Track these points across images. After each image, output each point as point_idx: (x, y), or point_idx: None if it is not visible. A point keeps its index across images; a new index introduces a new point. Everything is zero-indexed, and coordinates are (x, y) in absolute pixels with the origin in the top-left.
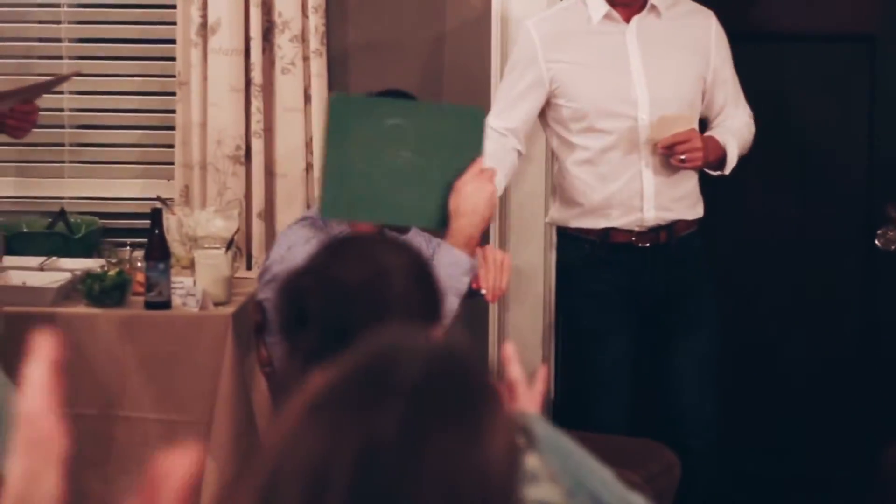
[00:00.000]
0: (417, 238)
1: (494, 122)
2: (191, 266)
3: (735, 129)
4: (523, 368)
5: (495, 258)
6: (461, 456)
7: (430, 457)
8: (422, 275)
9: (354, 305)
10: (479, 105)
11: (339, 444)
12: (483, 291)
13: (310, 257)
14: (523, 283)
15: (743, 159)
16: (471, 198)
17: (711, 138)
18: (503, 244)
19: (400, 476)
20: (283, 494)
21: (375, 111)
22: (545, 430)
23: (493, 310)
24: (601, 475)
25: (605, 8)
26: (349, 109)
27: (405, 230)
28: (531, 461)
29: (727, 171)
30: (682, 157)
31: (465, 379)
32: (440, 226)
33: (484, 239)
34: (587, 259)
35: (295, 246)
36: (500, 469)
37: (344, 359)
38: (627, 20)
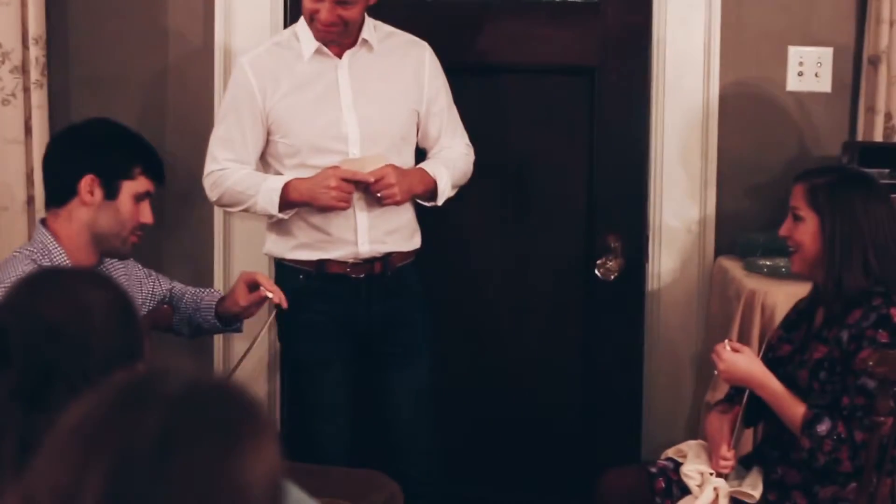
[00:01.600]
0: (137, 272)
1: (228, 158)
2: None
3: (450, 159)
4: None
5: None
6: (218, 472)
7: (185, 470)
8: (124, 312)
9: (56, 342)
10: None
11: (92, 459)
12: (275, 300)
13: (10, 292)
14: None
15: (464, 189)
16: None
17: (419, 170)
18: (227, 274)
19: (153, 488)
20: None
21: None
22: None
23: (217, 341)
24: None
25: (316, 44)
26: None
27: (126, 257)
28: None
29: (439, 202)
30: (378, 195)
31: (229, 399)
32: None
33: (208, 271)
34: (303, 290)
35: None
36: (260, 493)
37: (106, 383)
38: (340, 55)
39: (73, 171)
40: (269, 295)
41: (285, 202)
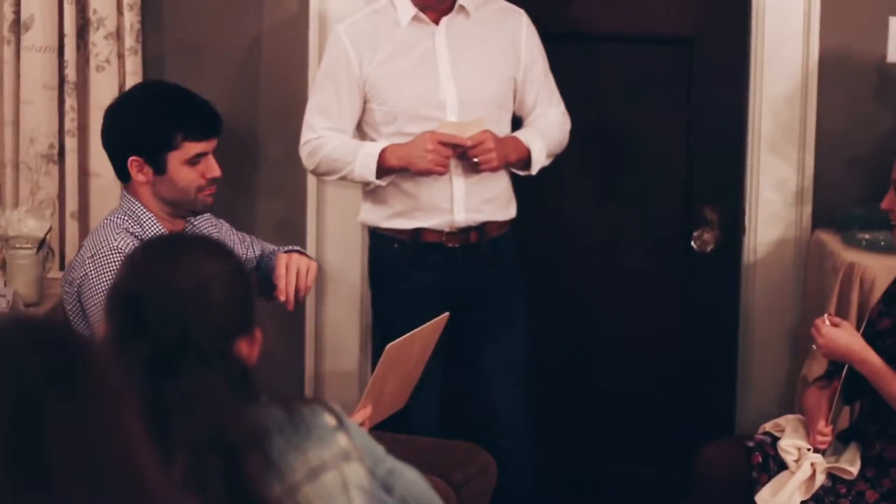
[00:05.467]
0: (232, 236)
1: (324, 127)
2: (2, 266)
3: (545, 128)
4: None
5: (299, 267)
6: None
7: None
8: (242, 282)
9: (185, 311)
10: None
11: None
12: (282, 299)
13: (135, 261)
14: (339, 283)
15: (559, 159)
16: None
17: (513, 139)
18: (320, 243)
19: None
20: None
21: None
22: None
23: (309, 308)
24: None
25: (413, 10)
26: None
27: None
28: (342, 440)
29: (533, 171)
30: (476, 160)
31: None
32: None
33: (300, 240)
34: (397, 258)
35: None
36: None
37: None
38: (437, 21)
39: (118, 155)
40: (281, 298)
41: (382, 168)
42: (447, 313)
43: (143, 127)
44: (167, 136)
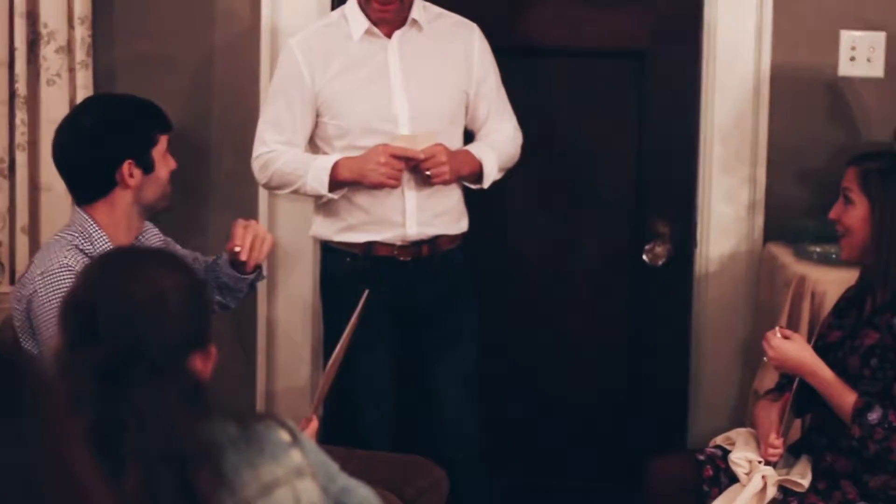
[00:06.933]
0: (179, 251)
1: (277, 141)
2: None
3: (497, 142)
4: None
5: (258, 231)
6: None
7: None
8: (198, 297)
9: (139, 323)
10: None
11: None
12: (237, 248)
13: (91, 271)
14: (291, 297)
15: (511, 173)
16: None
17: (466, 152)
18: (272, 257)
19: None
20: None
21: None
22: (304, 436)
23: (261, 323)
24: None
25: (366, 24)
26: None
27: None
28: (296, 457)
29: (486, 184)
30: (428, 173)
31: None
32: None
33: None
34: (349, 272)
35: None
36: None
37: None
38: (389, 35)
39: (106, 164)
40: (236, 249)
41: (335, 181)
42: (367, 290)
43: (128, 128)
44: (150, 132)
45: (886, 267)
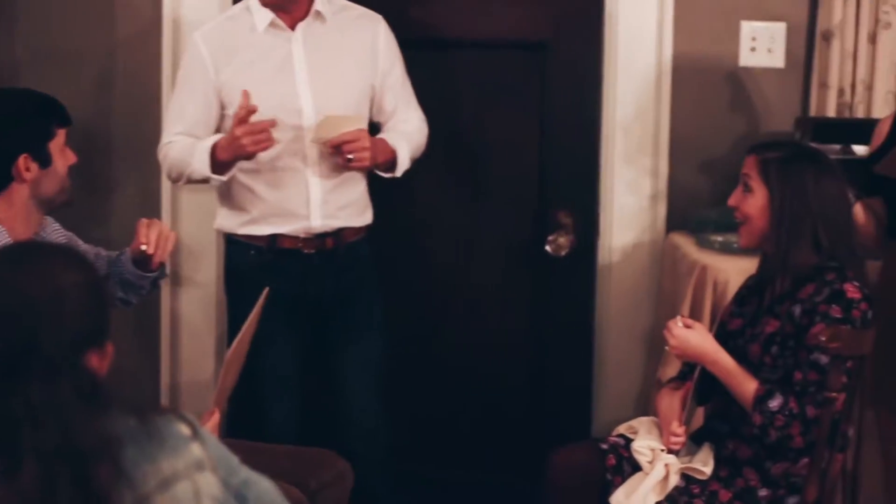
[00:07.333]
0: (81, 246)
1: (178, 132)
2: None
3: (407, 132)
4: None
5: (161, 228)
6: None
7: None
8: (96, 294)
9: (34, 318)
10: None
11: None
12: (143, 246)
13: None
14: (195, 291)
15: (416, 164)
16: None
17: (381, 140)
18: (175, 250)
19: None
20: None
21: None
22: (205, 430)
23: (164, 317)
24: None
25: (270, 17)
26: None
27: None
28: (196, 450)
29: (398, 173)
30: (350, 156)
31: None
32: None
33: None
34: (253, 265)
35: None
36: None
37: None
38: (293, 27)
39: (1, 158)
40: (143, 247)
41: (217, 161)
42: (267, 288)
43: (24, 122)
44: (47, 126)
45: (785, 256)
